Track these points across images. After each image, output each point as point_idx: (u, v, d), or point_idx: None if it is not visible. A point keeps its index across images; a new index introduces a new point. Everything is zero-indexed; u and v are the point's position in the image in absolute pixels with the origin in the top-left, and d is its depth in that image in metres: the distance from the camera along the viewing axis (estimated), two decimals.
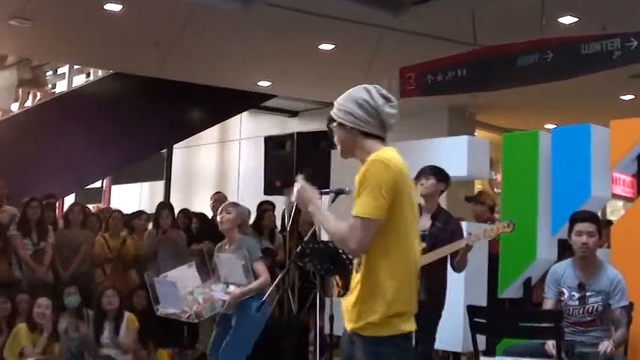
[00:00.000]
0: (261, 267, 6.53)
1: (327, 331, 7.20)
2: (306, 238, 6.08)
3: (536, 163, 7.40)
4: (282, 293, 8.47)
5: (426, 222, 6.29)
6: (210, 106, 13.79)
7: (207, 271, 6.77)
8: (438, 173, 6.36)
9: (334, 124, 3.69)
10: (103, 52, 11.33)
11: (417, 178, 6.34)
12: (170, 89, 12.51)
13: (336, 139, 3.70)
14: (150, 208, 11.86)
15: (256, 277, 6.42)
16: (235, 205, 6.76)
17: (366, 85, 3.69)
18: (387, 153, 3.55)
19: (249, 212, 6.99)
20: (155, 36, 10.29)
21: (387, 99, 3.64)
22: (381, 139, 3.64)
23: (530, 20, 8.91)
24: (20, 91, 14.02)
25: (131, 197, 17.48)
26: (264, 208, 9.98)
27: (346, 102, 3.66)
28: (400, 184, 3.49)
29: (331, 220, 3.64)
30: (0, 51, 13.80)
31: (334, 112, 3.68)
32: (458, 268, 6.25)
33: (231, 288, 6.41)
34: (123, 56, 11.46)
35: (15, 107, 13.93)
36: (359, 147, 3.64)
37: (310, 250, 6.19)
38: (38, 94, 14.27)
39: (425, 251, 6.09)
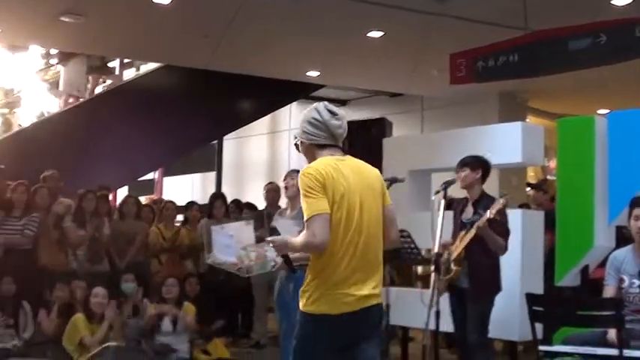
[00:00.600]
0: None
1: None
2: None
3: (592, 149, 7.30)
4: None
5: (469, 211, 6.39)
6: (260, 97, 13.81)
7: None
8: (470, 163, 6.40)
9: (297, 141, 4.42)
10: (153, 45, 11.41)
11: (456, 171, 6.37)
12: (220, 81, 12.56)
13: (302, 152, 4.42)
14: (202, 199, 11.94)
15: None
16: (299, 172, 6.78)
17: (316, 105, 4.33)
18: (313, 164, 4.22)
19: None
20: (204, 28, 10.33)
21: (332, 113, 4.27)
22: (335, 147, 4.28)
23: (582, 3, 8.77)
24: (90, 78, 14.12)
25: (183, 189, 17.61)
26: None
27: (303, 123, 4.33)
28: (326, 184, 4.10)
29: (295, 239, 4.31)
30: (54, 47, 13.99)
31: (297, 133, 4.38)
32: (495, 251, 6.27)
33: None
34: (173, 49, 11.52)
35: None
36: (316, 157, 4.29)
37: None
38: (108, 81, 14.39)
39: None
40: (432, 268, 5.65)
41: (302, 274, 6.48)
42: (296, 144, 4.43)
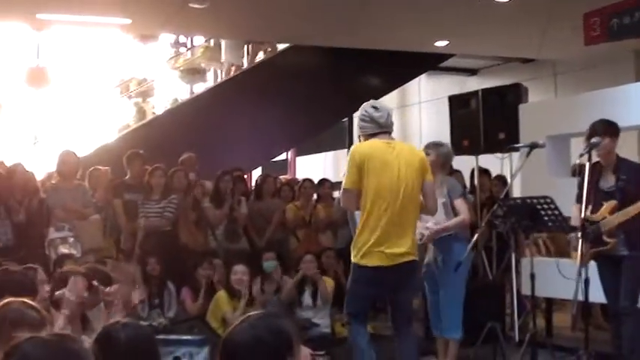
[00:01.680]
0: (461, 205, 6.53)
1: (524, 291, 7.05)
2: (501, 196, 5.93)
3: None
4: (475, 255, 8.28)
5: (609, 178, 6.14)
6: (389, 71, 13.68)
7: None
8: (609, 129, 6.09)
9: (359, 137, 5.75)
10: (280, 25, 11.44)
11: (589, 138, 6.04)
12: (348, 57, 12.51)
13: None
14: (334, 177, 11.98)
15: (456, 215, 6.40)
16: (436, 145, 6.71)
17: (363, 105, 5.67)
18: (360, 144, 5.61)
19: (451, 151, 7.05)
20: (331, 6, 10.27)
21: (375, 108, 5.58)
22: (384, 133, 5.54)
23: None
24: (249, 46, 14.23)
25: (315, 167, 17.70)
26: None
27: (358, 121, 5.71)
28: (362, 162, 5.37)
29: None
30: (184, 34, 14.19)
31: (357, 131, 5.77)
32: None
33: (430, 224, 6.36)
34: (300, 29, 11.53)
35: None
36: None
37: (507, 208, 6.04)
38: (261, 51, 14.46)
39: (618, 207, 5.93)
40: (579, 235, 5.46)
41: (457, 246, 6.40)
42: (359, 138, 5.73)
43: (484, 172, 9.54)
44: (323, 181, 10.66)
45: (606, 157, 6.14)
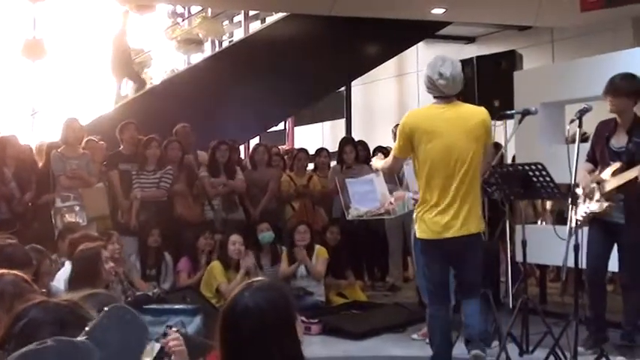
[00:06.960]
0: None
1: (518, 258, 7.06)
2: (493, 163, 5.87)
3: None
4: None
5: (622, 138, 5.89)
6: (385, 40, 13.60)
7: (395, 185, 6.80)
8: (626, 88, 5.78)
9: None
10: None
11: (605, 94, 5.90)
12: (344, 26, 12.44)
13: None
14: (332, 147, 11.96)
15: None
16: None
17: (433, 64, 5.18)
18: (409, 113, 5.45)
19: None
20: None
21: (440, 75, 5.10)
22: (444, 97, 5.22)
23: None
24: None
25: (314, 137, 17.68)
26: None
27: (424, 77, 5.26)
28: (408, 132, 5.19)
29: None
30: (180, 4, 14.08)
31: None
32: None
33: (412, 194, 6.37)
34: None
35: None
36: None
37: (499, 175, 6.02)
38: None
39: (622, 169, 5.70)
40: (569, 201, 5.41)
41: None
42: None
43: None
44: (320, 150, 10.65)
45: (620, 114, 5.86)
